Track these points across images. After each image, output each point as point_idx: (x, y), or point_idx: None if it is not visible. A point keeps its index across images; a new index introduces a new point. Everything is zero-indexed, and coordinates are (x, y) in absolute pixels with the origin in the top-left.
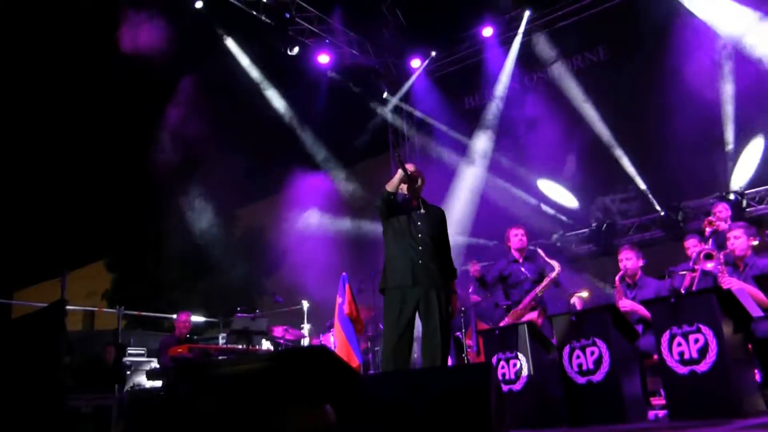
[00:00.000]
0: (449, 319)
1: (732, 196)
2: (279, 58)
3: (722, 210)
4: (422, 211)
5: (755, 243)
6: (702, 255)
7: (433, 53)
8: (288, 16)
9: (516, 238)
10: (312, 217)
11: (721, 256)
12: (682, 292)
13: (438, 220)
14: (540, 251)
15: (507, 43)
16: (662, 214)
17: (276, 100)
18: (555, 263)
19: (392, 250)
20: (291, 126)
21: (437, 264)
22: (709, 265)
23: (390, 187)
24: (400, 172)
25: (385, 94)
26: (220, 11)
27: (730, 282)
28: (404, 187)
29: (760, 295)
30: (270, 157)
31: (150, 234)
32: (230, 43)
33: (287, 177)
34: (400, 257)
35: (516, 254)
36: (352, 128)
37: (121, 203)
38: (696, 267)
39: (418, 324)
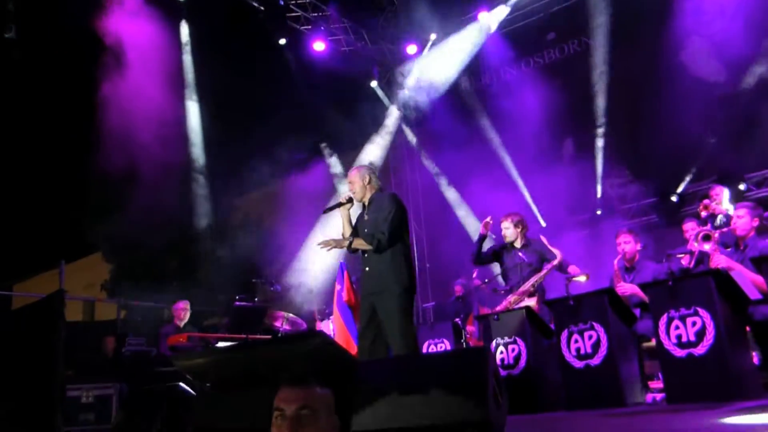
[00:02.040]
0: (398, 318)
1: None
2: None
3: (719, 193)
4: (366, 217)
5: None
6: (700, 236)
7: (434, 35)
8: (282, 3)
9: (504, 231)
10: None
11: (717, 235)
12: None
13: (380, 213)
14: (543, 238)
15: (503, 28)
16: (660, 198)
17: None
18: (557, 252)
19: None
20: (288, 114)
21: (386, 262)
22: (707, 246)
23: (345, 232)
24: (341, 213)
25: (374, 83)
26: None
27: (719, 259)
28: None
29: (758, 277)
30: (269, 147)
31: (148, 224)
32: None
33: (285, 166)
34: (361, 268)
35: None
36: (349, 116)
37: (116, 193)
38: (693, 249)
39: None
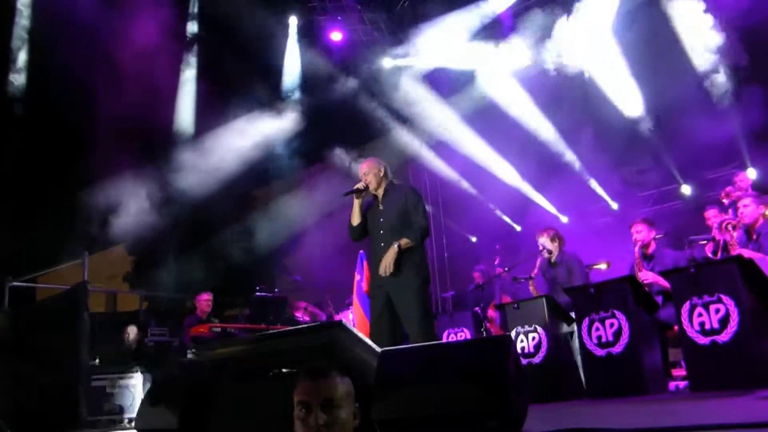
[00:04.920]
0: (419, 309)
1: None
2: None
3: (743, 179)
4: (381, 207)
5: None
6: (724, 225)
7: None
8: None
9: (546, 245)
10: None
11: (737, 224)
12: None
13: (402, 204)
14: (574, 258)
15: (515, 16)
16: (681, 184)
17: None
18: (580, 278)
19: (370, 250)
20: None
21: (403, 254)
22: (729, 236)
23: (353, 220)
24: (354, 200)
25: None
26: None
27: (738, 252)
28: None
29: None
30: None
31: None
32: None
33: (303, 157)
34: (372, 257)
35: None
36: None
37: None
38: (718, 237)
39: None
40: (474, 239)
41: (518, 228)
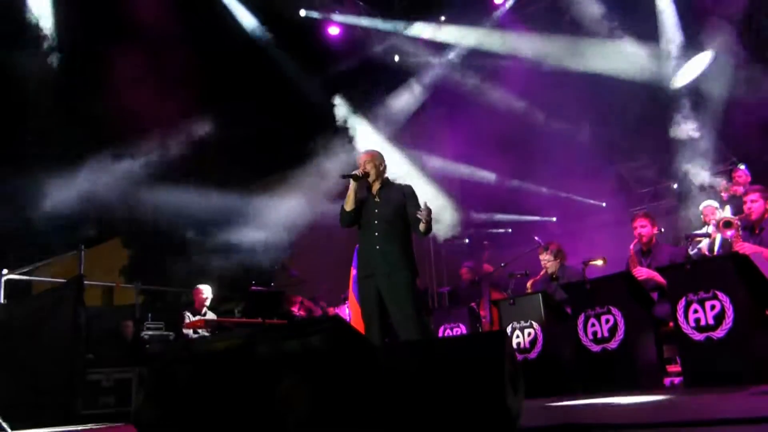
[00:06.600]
0: (411, 303)
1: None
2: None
3: (742, 175)
4: (377, 199)
5: None
6: (721, 223)
7: (442, 18)
8: None
9: (545, 263)
10: None
11: (737, 222)
12: (706, 254)
13: (399, 199)
14: (574, 274)
15: (518, 11)
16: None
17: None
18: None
19: (359, 241)
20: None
21: (398, 244)
22: (729, 233)
23: (348, 205)
24: (350, 184)
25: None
26: None
27: (742, 247)
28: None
29: None
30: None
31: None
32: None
33: (302, 150)
34: (364, 247)
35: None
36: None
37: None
38: (715, 234)
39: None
40: (466, 241)
41: (509, 230)
